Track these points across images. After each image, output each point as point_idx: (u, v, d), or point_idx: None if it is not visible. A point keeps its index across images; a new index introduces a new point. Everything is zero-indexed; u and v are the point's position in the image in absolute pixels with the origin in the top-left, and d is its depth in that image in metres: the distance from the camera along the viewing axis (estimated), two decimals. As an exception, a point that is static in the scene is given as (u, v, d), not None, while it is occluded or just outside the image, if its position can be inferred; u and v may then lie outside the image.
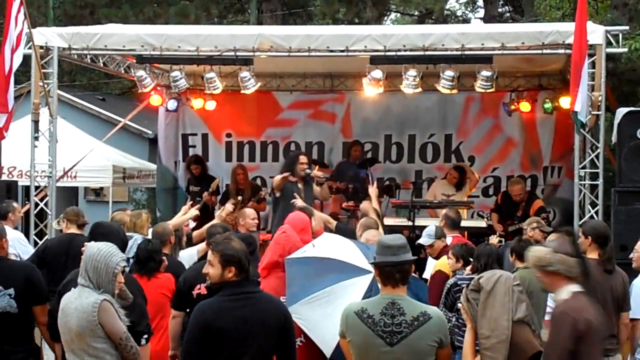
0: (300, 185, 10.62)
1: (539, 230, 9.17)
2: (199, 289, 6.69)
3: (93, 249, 5.40)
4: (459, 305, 6.89)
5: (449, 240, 9.20)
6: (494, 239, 9.77)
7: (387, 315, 4.70)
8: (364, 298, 5.63)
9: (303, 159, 10.86)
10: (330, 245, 6.24)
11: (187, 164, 13.97)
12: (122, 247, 6.22)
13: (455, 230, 9.27)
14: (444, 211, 9.60)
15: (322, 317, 5.81)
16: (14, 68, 9.64)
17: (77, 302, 5.28)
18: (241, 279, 4.96)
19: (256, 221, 9.74)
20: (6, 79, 9.52)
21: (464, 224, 10.15)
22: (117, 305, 5.37)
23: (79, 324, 5.24)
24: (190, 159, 13.95)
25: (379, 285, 4.87)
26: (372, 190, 10.27)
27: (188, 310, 6.46)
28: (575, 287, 4.93)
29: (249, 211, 9.68)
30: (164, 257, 7.42)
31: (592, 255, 7.05)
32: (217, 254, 5.02)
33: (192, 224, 10.15)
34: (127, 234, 8.69)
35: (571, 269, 4.97)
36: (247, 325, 4.85)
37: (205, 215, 11.06)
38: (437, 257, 8.54)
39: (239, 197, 12.67)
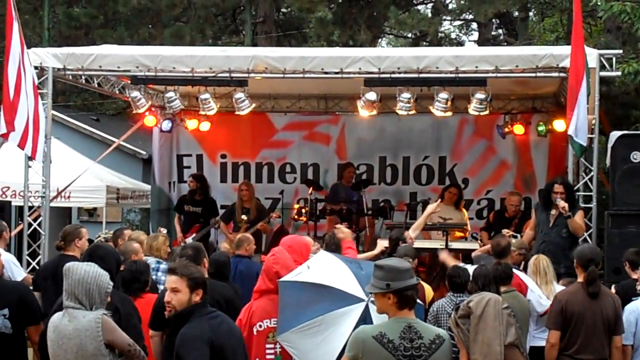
0: None
1: (518, 253, 9.06)
2: None
3: (79, 272, 5.34)
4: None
5: None
6: (506, 233, 9.60)
7: (406, 340, 4.64)
8: (357, 327, 5.55)
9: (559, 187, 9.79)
10: (325, 269, 6.18)
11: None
12: (117, 267, 6.25)
13: None
14: None
15: (312, 346, 5.76)
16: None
17: (75, 322, 5.23)
18: (205, 300, 5.13)
19: (254, 246, 9.85)
20: (12, 99, 9.46)
21: (456, 245, 10.09)
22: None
23: (82, 343, 5.19)
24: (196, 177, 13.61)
25: (390, 312, 4.74)
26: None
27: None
28: None
29: (251, 237, 9.89)
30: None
31: (580, 278, 7.06)
32: (185, 278, 5.08)
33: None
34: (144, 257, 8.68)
35: None
36: (233, 340, 5.17)
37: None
38: None
39: (243, 217, 12.62)
